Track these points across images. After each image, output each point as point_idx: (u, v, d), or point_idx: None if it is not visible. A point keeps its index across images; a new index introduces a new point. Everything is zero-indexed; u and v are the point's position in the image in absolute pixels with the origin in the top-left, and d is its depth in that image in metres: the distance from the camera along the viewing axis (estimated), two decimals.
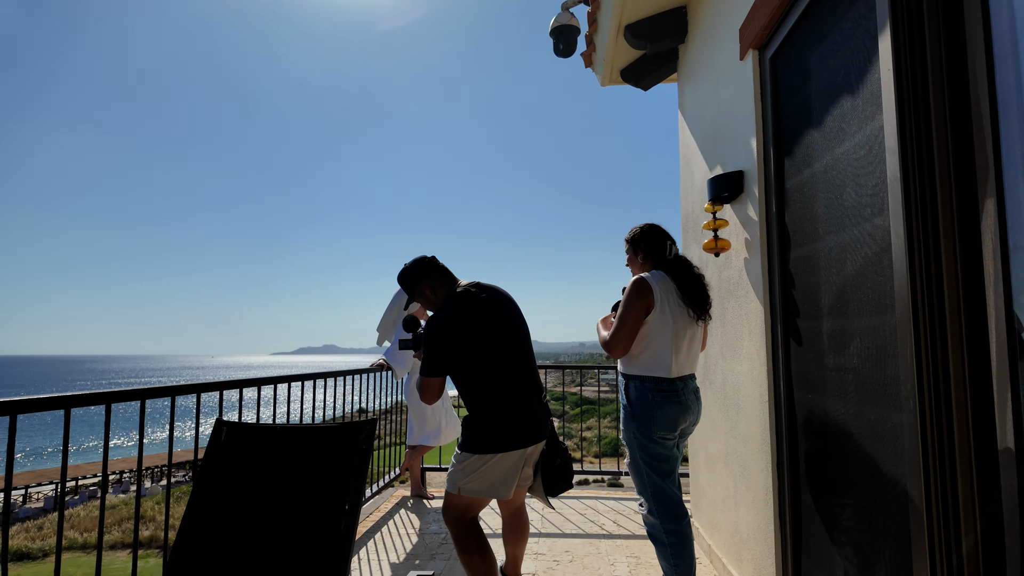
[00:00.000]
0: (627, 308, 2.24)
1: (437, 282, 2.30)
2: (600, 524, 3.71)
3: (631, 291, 2.26)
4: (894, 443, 1.50)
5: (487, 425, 2.17)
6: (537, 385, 2.33)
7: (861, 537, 1.68)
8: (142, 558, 17.18)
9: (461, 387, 2.25)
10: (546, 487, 2.35)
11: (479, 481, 2.15)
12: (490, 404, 2.18)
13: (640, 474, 2.26)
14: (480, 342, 2.18)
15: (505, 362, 2.20)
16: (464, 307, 2.21)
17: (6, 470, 1.52)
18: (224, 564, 1.59)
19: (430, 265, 2.31)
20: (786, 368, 2.16)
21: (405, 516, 3.86)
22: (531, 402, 2.25)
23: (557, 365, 5.51)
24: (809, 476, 2.02)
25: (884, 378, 1.54)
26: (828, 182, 1.84)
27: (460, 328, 2.17)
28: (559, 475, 2.35)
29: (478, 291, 2.27)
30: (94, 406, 1.81)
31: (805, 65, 2.00)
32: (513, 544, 2.52)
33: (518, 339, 2.29)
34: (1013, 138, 1.16)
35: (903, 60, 1.36)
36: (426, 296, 2.32)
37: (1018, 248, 1.17)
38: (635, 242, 2.48)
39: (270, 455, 1.74)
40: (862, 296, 1.64)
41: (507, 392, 2.19)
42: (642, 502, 2.29)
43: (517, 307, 2.40)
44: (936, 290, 1.29)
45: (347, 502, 1.59)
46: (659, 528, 2.22)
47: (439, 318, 2.20)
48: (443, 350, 2.16)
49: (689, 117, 3.51)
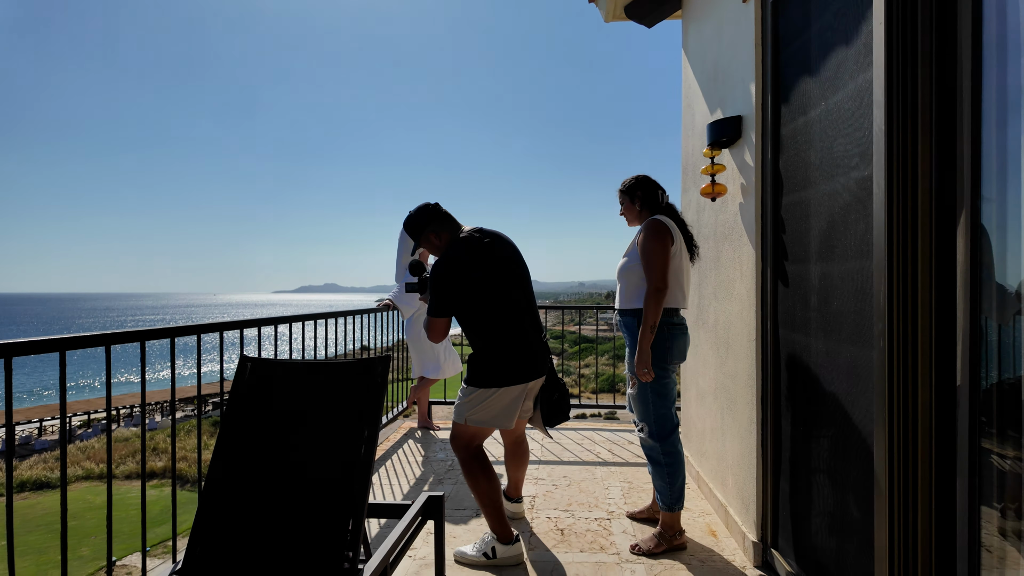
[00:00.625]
0: (656, 247, 2.37)
1: (441, 227, 2.39)
2: (596, 453, 3.95)
3: (654, 232, 2.40)
4: (866, 379, 1.64)
5: (491, 361, 2.32)
6: (537, 324, 2.47)
7: (832, 462, 1.85)
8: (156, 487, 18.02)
9: (465, 326, 2.39)
10: (545, 418, 2.56)
11: (484, 412, 2.33)
12: (493, 342, 2.32)
13: (646, 402, 2.46)
14: (483, 283, 2.30)
15: (507, 302, 2.33)
16: (467, 251, 2.31)
17: (5, 406, 1.60)
18: (255, 487, 1.76)
19: (433, 212, 2.40)
20: (773, 309, 2.29)
21: (413, 446, 4.10)
22: (532, 340, 2.39)
23: (557, 305, 5.65)
24: (789, 408, 2.18)
25: (860, 319, 1.66)
26: (821, 131, 1.90)
27: (464, 270, 2.28)
28: (557, 408, 2.57)
29: (481, 235, 2.37)
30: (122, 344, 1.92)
31: (805, 10, 2.02)
32: (514, 469, 2.75)
33: (519, 280, 2.41)
34: (990, 99, 1.23)
35: (895, 14, 1.40)
36: (431, 241, 2.41)
37: (988, 200, 1.26)
38: (631, 191, 2.63)
39: (292, 388, 1.88)
40: (845, 242, 1.74)
41: (509, 330, 2.33)
42: (642, 427, 2.50)
43: (518, 250, 2.50)
44: (911, 239, 1.39)
45: (366, 429, 1.75)
46: (658, 450, 2.46)
47: (444, 262, 2.31)
48: (448, 291, 2.29)
49: (692, 57, 3.49)
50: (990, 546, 1.28)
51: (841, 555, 1.79)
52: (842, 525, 1.79)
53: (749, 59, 2.42)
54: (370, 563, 1.71)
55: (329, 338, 3.61)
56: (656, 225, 2.43)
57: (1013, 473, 1.22)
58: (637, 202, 2.61)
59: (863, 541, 1.65)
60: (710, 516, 2.88)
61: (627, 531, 2.70)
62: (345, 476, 1.72)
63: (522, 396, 2.38)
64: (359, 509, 1.68)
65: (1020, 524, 1.22)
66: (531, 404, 2.50)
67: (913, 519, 1.40)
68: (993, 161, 1.24)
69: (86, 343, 1.77)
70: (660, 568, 2.35)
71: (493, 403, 2.32)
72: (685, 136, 3.66)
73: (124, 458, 22.15)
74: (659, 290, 2.34)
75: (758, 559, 2.34)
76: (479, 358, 2.35)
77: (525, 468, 2.79)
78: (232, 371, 1.94)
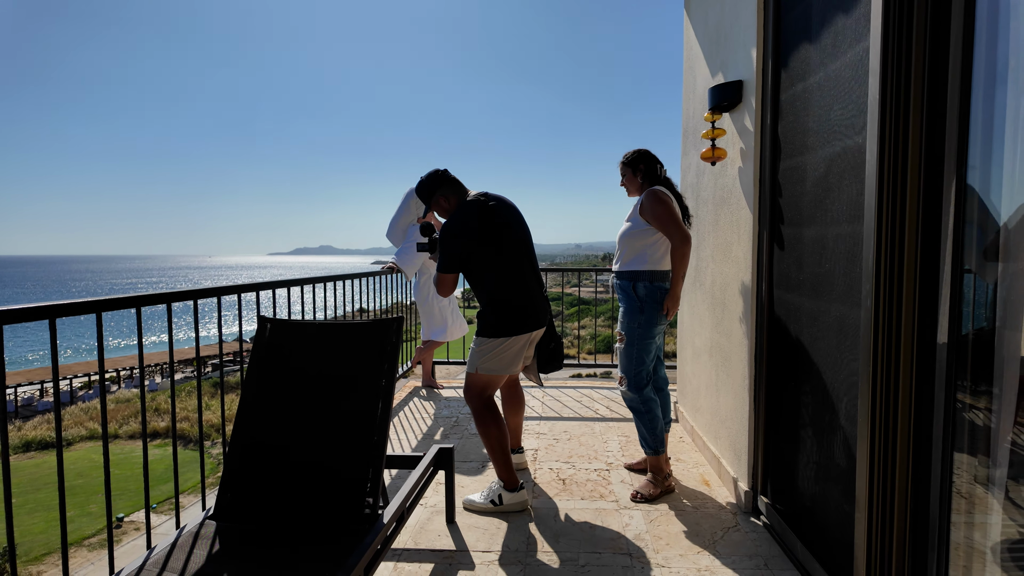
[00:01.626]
0: (664, 209, 2.56)
1: (449, 191, 2.58)
2: (595, 409, 4.10)
3: (658, 198, 2.59)
4: (853, 337, 1.74)
5: (499, 314, 2.51)
6: (539, 280, 2.69)
7: (820, 415, 1.98)
8: (159, 446, 18.38)
9: (473, 283, 2.59)
10: (540, 366, 2.83)
11: (495, 361, 2.52)
12: (500, 296, 2.52)
13: (631, 357, 2.66)
14: (489, 242, 2.48)
15: (511, 260, 2.53)
16: (474, 213, 2.47)
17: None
18: (279, 439, 1.88)
19: (443, 177, 2.58)
20: (769, 271, 2.38)
21: (418, 403, 4.24)
22: (535, 293, 2.61)
23: (555, 267, 5.74)
24: (781, 365, 2.29)
25: (850, 280, 1.75)
26: (820, 97, 1.96)
27: (471, 230, 2.46)
28: (552, 356, 2.85)
29: (486, 199, 2.53)
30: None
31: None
32: (512, 415, 2.96)
33: (522, 240, 2.61)
34: (979, 73, 1.29)
35: None
36: (440, 204, 2.60)
37: (973, 168, 1.34)
38: (633, 164, 2.79)
39: (311, 347, 1.98)
40: (839, 207, 1.82)
41: (514, 285, 2.53)
42: (622, 379, 2.71)
43: (520, 214, 2.68)
44: (900, 205, 1.47)
45: (383, 385, 1.86)
46: (636, 400, 2.67)
47: (452, 222, 2.48)
48: (456, 249, 2.48)
49: (694, 18, 3.48)
50: (959, 488, 1.41)
51: (825, 500, 1.93)
52: (827, 473, 1.92)
53: (751, 23, 2.44)
54: (388, 508, 1.84)
55: (330, 302, 3.69)
56: (658, 192, 2.62)
57: (984, 425, 1.33)
58: (639, 174, 2.76)
59: (846, 488, 1.78)
60: (703, 467, 3.04)
61: (625, 481, 2.85)
62: (364, 428, 1.83)
63: (527, 344, 2.59)
64: (378, 459, 1.80)
65: (988, 470, 1.34)
66: (532, 352, 2.73)
67: (892, 465, 1.53)
68: (979, 131, 1.31)
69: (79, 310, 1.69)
70: (657, 514, 2.50)
71: (503, 351, 2.51)
72: (686, 99, 3.68)
73: (127, 418, 22.49)
74: (685, 240, 2.54)
75: (748, 506, 2.50)
76: (488, 311, 2.54)
77: (522, 414, 3.00)
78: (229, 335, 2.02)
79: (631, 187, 2.82)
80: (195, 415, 18.10)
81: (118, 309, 1.83)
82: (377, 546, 1.67)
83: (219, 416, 18.87)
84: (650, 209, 2.58)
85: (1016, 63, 1.24)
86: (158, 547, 1.63)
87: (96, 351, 1.85)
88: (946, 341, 1.41)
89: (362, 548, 1.57)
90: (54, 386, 1.61)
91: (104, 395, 1.83)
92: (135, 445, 20.81)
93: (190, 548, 1.62)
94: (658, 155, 2.80)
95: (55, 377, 1.62)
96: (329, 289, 3.66)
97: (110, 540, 1.80)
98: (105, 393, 1.85)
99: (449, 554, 2.18)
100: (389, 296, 4.73)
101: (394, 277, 4.70)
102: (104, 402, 1.82)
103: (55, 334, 1.62)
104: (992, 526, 1.34)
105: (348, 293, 3.96)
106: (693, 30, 3.49)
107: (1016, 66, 1.24)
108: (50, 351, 1.61)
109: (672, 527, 2.38)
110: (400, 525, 1.93)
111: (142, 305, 1.91)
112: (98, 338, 1.79)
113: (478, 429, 2.55)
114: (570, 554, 2.18)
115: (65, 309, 1.64)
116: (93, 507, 15.41)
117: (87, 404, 24.45)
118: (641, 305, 2.63)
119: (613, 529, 2.37)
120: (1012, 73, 1.25)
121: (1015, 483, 1.26)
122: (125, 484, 15.38)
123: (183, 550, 1.61)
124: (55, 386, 1.61)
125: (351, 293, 4.03)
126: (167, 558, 1.57)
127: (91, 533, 13.71)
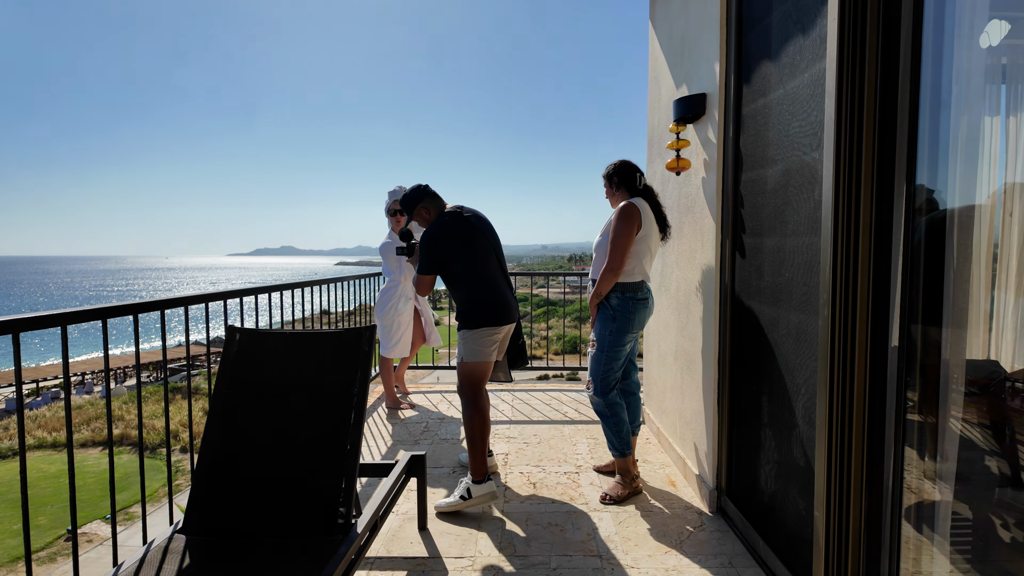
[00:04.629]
0: (621, 230, 2.63)
1: (430, 203, 2.87)
2: (563, 412, 4.16)
3: (623, 216, 2.64)
4: (811, 342, 1.82)
5: (478, 309, 2.77)
6: (508, 281, 2.96)
7: (780, 416, 2.06)
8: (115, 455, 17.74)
9: (451, 284, 2.82)
10: (510, 361, 3.09)
11: (479, 346, 2.76)
12: (475, 295, 2.77)
13: (600, 363, 2.74)
14: (464, 248, 2.75)
15: (483, 264, 2.79)
16: (451, 222, 2.78)
17: None
18: (250, 449, 1.86)
19: (424, 191, 2.88)
20: (731, 278, 2.46)
21: (385, 411, 4.22)
22: (505, 293, 2.88)
23: (526, 272, 5.79)
24: (743, 369, 2.38)
25: (808, 289, 1.84)
26: (780, 113, 2.04)
27: (447, 237, 2.75)
28: (520, 352, 3.13)
29: (462, 211, 2.84)
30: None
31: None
32: None
33: (493, 247, 2.89)
34: (926, 99, 1.38)
35: (847, 13, 1.53)
36: (421, 215, 2.88)
37: (920, 184, 1.43)
38: (609, 177, 2.89)
39: (281, 355, 1.97)
40: (797, 219, 1.91)
41: (487, 285, 2.79)
42: (589, 383, 2.79)
43: (491, 224, 2.98)
44: (854, 219, 1.55)
45: (355, 394, 1.86)
46: (601, 404, 2.75)
47: (431, 230, 2.77)
48: (434, 253, 2.75)
49: (659, 30, 3.57)
50: (909, 484, 1.50)
51: (785, 499, 2.02)
52: (787, 472, 2.00)
53: (714, 38, 2.53)
54: (361, 518, 1.84)
55: (297, 304, 3.66)
56: (627, 210, 2.65)
57: (930, 422, 1.42)
58: (615, 187, 2.85)
59: (805, 486, 1.86)
60: (669, 468, 3.12)
61: (594, 483, 2.91)
62: (337, 438, 1.83)
63: (502, 335, 2.85)
64: (351, 469, 1.80)
65: (936, 466, 1.43)
66: (504, 347, 2.97)
67: (848, 462, 1.61)
68: (926, 152, 1.40)
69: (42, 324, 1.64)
70: (625, 515, 2.56)
71: (485, 340, 2.76)
72: (651, 109, 3.76)
73: (78, 426, 21.63)
74: (613, 270, 2.64)
75: (713, 505, 2.58)
76: (467, 308, 2.78)
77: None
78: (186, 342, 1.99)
79: (612, 200, 2.89)
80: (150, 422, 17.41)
81: (84, 321, 1.80)
82: (351, 556, 1.67)
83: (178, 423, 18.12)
84: (613, 224, 2.67)
85: (958, 88, 1.33)
86: (126, 563, 1.60)
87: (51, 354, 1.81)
88: (896, 345, 1.50)
89: (336, 559, 1.58)
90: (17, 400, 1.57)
91: (69, 406, 1.79)
92: (87, 454, 20.04)
93: (159, 564, 1.59)
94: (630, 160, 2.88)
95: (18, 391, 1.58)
96: (292, 294, 3.61)
97: (75, 555, 1.76)
98: (70, 404, 1.81)
99: (422, 561, 2.19)
100: (354, 299, 4.69)
101: (360, 281, 4.67)
102: (69, 413, 1.76)
103: (19, 348, 1.58)
104: (941, 520, 1.42)
105: (315, 297, 3.92)
106: (658, 41, 3.57)
107: (958, 91, 1.33)
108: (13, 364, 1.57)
109: (640, 528, 2.44)
110: (374, 534, 1.93)
111: (108, 317, 1.88)
112: (63, 351, 1.73)
113: (464, 415, 2.74)
114: (542, 557, 2.22)
115: (30, 323, 1.60)
116: (42, 519, 14.78)
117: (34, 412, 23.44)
118: (613, 314, 2.70)
119: (584, 531, 2.42)
120: (955, 97, 1.34)
121: (962, 478, 1.35)
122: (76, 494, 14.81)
123: (152, 566, 1.58)
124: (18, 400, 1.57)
125: (316, 297, 3.99)
126: (136, 575, 1.54)
127: (40, 547, 13.15)
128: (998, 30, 1.22)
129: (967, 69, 1.33)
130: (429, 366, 6.02)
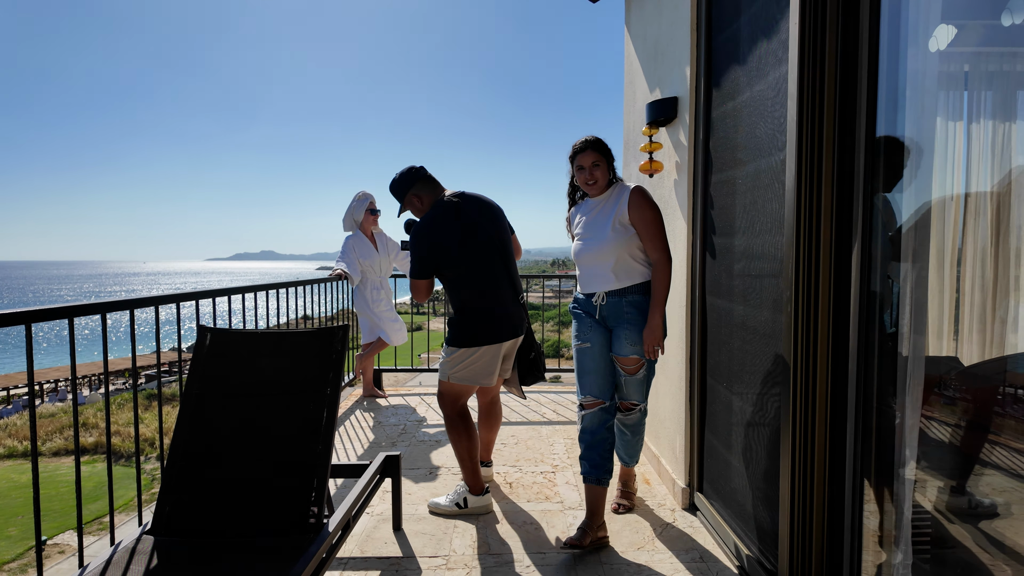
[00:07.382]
0: (659, 216, 2.28)
1: (423, 190, 2.47)
2: (541, 413, 4.18)
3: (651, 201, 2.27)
4: (778, 340, 1.86)
5: (469, 322, 2.42)
6: (515, 286, 2.54)
7: (749, 414, 2.10)
8: (88, 463, 17.36)
9: (447, 287, 2.49)
10: (520, 377, 2.73)
11: (466, 371, 2.44)
12: (472, 303, 2.42)
13: (650, 381, 2.44)
14: (460, 246, 2.37)
15: (484, 264, 2.42)
16: (445, 213, 2.39)
17: None
18: (221, 450, 1.85)
19: (416, 174, 2.46)
20: (702, 278, 2.50)
21: (363, 413, 4.20)
22: (509, 302, 2.48)
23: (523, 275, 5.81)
24: (714, 368, 2.42)
25: (775, 288, 1.88)
26: (748, 116, 2.08)
27: (440, 232, 2.37)
28: (533, 367, 2.73)
29: (460, 200, 2.44)
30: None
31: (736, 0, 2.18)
32: (487, 430, 2.88)
33: (498, 243, 2.48)
34: (883, 101, 1.43)
35: (807, 17, 1.58)
36: (413, 203, 2.49)
37: (878, 185, 1.47)
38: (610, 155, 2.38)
39: (253, 356, 1.96)
40: (764, 219, 1.95)
41: (487, 292, 2.43)
42: (643, 407, 2.47)
43: (499, 214, 2.55)
44: (816, 218, 1.60)
45: (327, 394, 1.86)
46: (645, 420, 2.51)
47: (422, 224, 2.40)
48: (424, 252, 2.38)
49: (634, 34, 3.62)
50: (869, 477, 1.54)
51: (754, 492, 2.05)
52: (756, 467, 2.04)
53: (685, 42, 2.57)
54: (333, 517, 1.84)
55: (272, 310, 3.62)
56: (647, 193, 2.29)
57: (890, 417, 1.46)
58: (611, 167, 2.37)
59: (772, 480, 1.90)
60: (644, 466, 3.15)
61: (570, 482, 2.93)
62: (309, 437, 1.83)
63: (500, 355, 2.49)
64: (323, 468, 1.80)
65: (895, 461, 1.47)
66: (510, 364, 2.63)
67: (811, 455, 1.65)
68: (879, 156, 1.45)
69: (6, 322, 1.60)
70: None
71: (473, 362, 2.43)
72: (627, 111, 3.81)
73: (50, 434, 21.11)
74: (671, 260, 2.26)
75: (686, 502, 2.61)
76: (459, 319, 2.45)
77: (497, 430, 2.92)
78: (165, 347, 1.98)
79: (603, 179, 2.41)
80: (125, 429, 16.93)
81: (50, 320, 1.75)
82: (322, 555, 1.67)
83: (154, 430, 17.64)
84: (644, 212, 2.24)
85: (912, 91, 1.38)
86: (91, 564, 1.58)
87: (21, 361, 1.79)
88: (856, 343, 1.54)
89: (307, 557, 1.57)
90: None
91: (34, 412, 1.73)
92: (59, 463, 19.54)
93: (126, 564, 1.57)
94: None
95: None
96: (272, 297, 3.59)
97: (39, 561, 1.73)
98: (35, 410, 1.75)
99: (396, 561, 2.19)
100: (335, 303, 4.66)
101: (341, 284, 4.65)
102: (34, 420, 1.72)
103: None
104: (902, 513, 1.46)
105: (293, 301, 3.89)
106: (633, 46, 3.62)
107: (912, 94, 1.38)
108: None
109: (614, 525, 2.46)
110: (346, 534, 1.93)
111: (75, 316, 1.81)
112: (27, 351, 1.70)
113: (449, 436, 2.53)
114: (516, 555, 2.23)
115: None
116: (12, 530, 14.40)
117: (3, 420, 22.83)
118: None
119: (558, 529, 2.43)
120: (910, 99, 1.39)
121: (921, 472, 1.39)
122: (49, 504, 14.42)
123: (118, 567, 1.56)
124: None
125: (296, 301, 3.96)
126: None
127: (11, 558, 12.80)
128: (946, 35, 1.27)
129: (921, 72, 1.38)
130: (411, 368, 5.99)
